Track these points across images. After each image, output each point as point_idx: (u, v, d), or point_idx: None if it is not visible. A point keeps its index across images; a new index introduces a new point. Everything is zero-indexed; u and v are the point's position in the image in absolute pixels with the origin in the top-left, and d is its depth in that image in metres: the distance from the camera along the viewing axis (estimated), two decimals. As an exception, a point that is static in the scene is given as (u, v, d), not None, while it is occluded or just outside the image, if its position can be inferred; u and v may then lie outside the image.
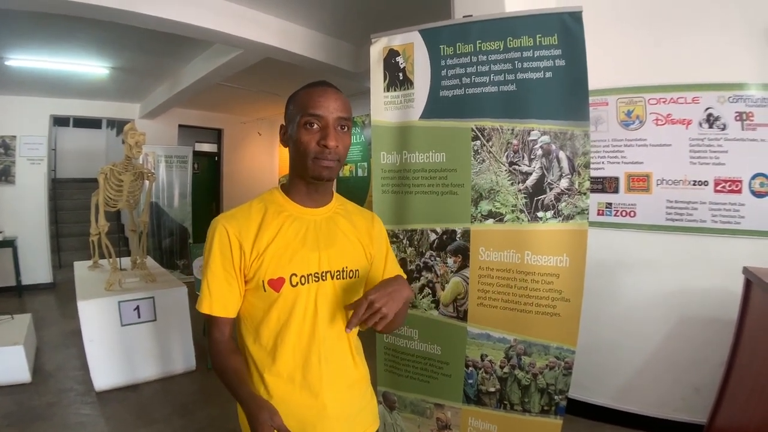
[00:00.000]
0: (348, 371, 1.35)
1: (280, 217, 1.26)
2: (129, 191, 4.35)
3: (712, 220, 2.94)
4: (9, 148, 7.26)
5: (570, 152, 2.23)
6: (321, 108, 1.19)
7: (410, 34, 2.53)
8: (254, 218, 1.25)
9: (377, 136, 2.65)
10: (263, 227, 1.24)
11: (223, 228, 1.22)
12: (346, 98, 1.26)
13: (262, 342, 1.26)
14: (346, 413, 1.31)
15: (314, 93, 1.22)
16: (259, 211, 1.27)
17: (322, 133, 1.19)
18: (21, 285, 7.23)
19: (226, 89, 7.20)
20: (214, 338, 1.27)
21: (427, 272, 2.57)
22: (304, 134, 1.20)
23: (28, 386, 3.98)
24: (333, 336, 1.30)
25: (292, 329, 1.25)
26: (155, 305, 4.17)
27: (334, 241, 1.32)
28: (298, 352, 1.25)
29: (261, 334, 1.26)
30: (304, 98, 1.22)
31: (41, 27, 4.53)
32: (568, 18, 2.20)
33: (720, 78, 2.88)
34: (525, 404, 2.43)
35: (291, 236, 1.25)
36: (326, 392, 1.27)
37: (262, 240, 1.22)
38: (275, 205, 1.29)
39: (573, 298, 2.26)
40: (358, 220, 1.42)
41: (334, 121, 1.20)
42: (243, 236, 1.22)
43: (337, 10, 4.37)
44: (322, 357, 1.27)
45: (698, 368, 3.02)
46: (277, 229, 1.25)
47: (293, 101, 1.26)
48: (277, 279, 1.22)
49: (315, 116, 1.19)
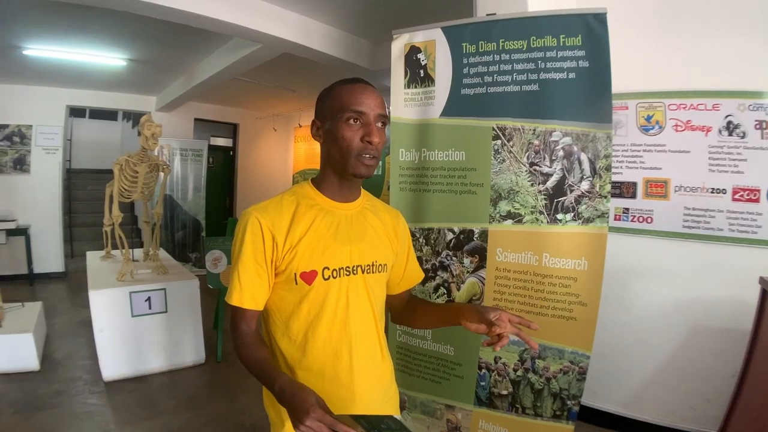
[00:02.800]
0: (376, 365, 1.37)
1: (312, 211, 1.27)
2: (144, 183, 4.36)
3: (729, 229, 2.91)
4: (25, 138, 7.31)
5: (591, 154, 2.21)
6: (364, 105, 1.21)
7: (432, 31, 2.52)
8: (286, 211, 1.26)
9: (396, 133, 2.64)
10: (296, 220, 1.24)
11: (255, 220, 1.22)
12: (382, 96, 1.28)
13: (292, 335, 1.27)
14: (374, 406, 1.33)
15: (356, 90, 1.23)
16: (291, 204, 1.27)
17: (365, 129, 1.21)
18: (33, 273, 7.29)
19: (242, 84, 7.21)
20: (241, 330, 1.26)
21: (443, 272, 2.55)
22: (347, 130, 1.21)
23: (37, 374, 4.00)
24: (363, 329, 1.31)
25: (323, 322, 1.25)
26: (167, 297, 4.18)
27: (364, 235, 1.33)
28: (328, 345, 1.26)
29: (291, 327, 1.27)
30: (345, 95, 1.23)
31: (59, 17, 4.55)
32: (592, 19, 2.19)
33: (740, 85, 2.84)
34: (537, 408, 2.42)
35: (323, 230, 1.26)
36: (356, 385, 1.29)
37: (295, 233, 1.23)
38: (307, 198, 1.30)
39: (590, 302, 2.24)
40: (385, 216, 1.44)
41: (375, 117, 1.22)
42: (276, 229, 1.22)
43: (357, 6, 4.36)
44: (353, 350, 1.28)
45: (710, 378, 2.98)
46: (309, 222, 1.25)
47: (330, 97, 1.26)
48: (310, 272, 1.23)
49: (358, 113, 1.20)
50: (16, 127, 7.25)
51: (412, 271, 1.56)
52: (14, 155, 7.26)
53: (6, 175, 7.19)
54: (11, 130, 7.22)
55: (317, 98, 1.32)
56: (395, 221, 1.46)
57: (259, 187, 10.31)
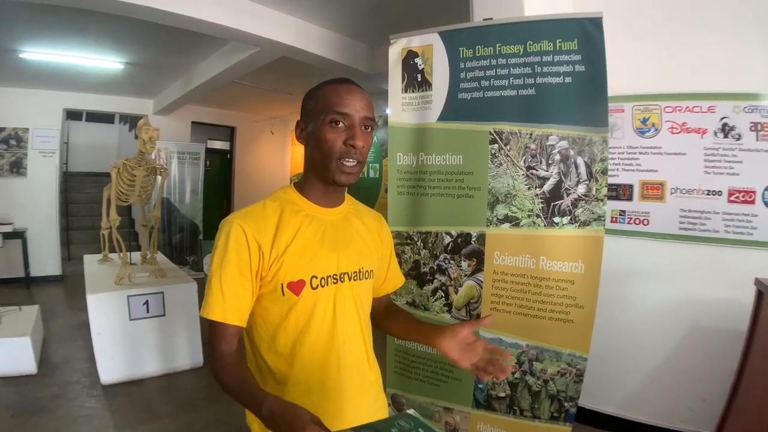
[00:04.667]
0: (364, 374, 1.33)
1: (297, 217, 1.21)
2: (141, 186, 4.36)
3: (725, 231, 2.92)
4: (21, 141, 7.28)
5: (588, 158, 2.23)
6: (348, 106, 1.14)
7: (429, 36, 2.53)
8: (271, 218, 1.18)
9: (394, 137, 2.66)
10: (281, 227, 1.17)
11: (239, 228, 1.13)
12: (370, 97, 1.22)
13: (279, 348, 1.21)
14: (362, 416, 1.26)
15: (341, 90, 1.16)
16: (275, 210, 1.20)
17: (348, 132, 1.15)
18: (29, 276, 7.26)
19: (239, 87, 7.22)
20: (221, 351, 1.14)
21: (441, 275, 2.56)
22: (329, 132, 1.14)
23: (34, 377, 3.99)
24: (350, 338, 1.27)
25: (311, 333, 1.20)
26: (164, 300, 4.18)
27: (350, 241, 1.28)
28: (316, 356, 1.21)
29: (278, 340, 1.21)
30: (329, 95, 1.16)
31: (56, 20, 4.54)
32: (588, 24, 2.20)
33: (736, 88, 2.85)
34: (535, 410, 2.42)
35: (310, 237, 1.20)
36: (344, 396, 1.25)
37: (281, 241, 1.16)
38: (291, 204, 1.23)
39: (587, 304, 2.25)
40: (370, 221, 1.39)
41: (360, 120, 1.16)
42: (261, 237, 1.14)
43: (354, 10, 4.38)
44: (340, 360, 1.24)
45: (707, 379, 2.99)
46: (295, 229, 1.19)
47: (315, 97, 1.20)
48: (297, 282, 1.17)
49: (342, 114, 1.14)
50: (12, 130, 7.22)
51: (393, 276, 1.52)
52: (11, 158, 7.23)
53: (2, 178, 7.15)
54: (8, 133, 7.18)
55: (303, 98, 1.25)
56: (379, 225, 1.43)
57: (256, 190, 10.29)
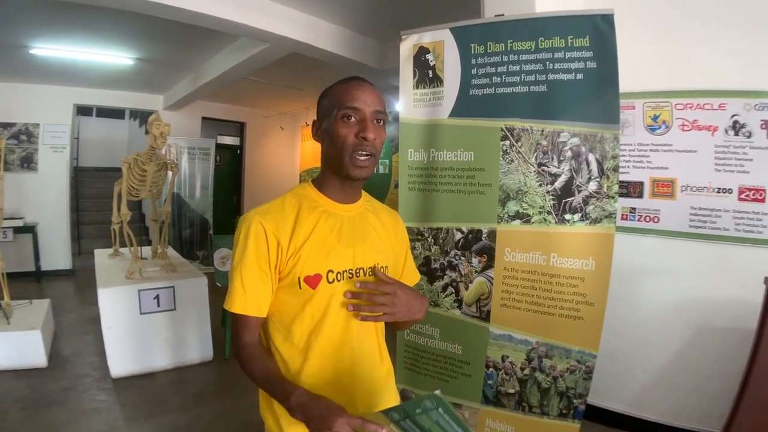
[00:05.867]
0: (376, 367, 1.35)
1: (315, 213, 1.24)
2: (152, 181, 4.38)
3: (735, 229, 2.91)
4: (32, 136, 7.35)
5: (599, 155, 2.22)
6: (358, 101, 1.18)
7: (441, 32, 2.53)
8: (289, 213, 1.22)
9: (405, 134, 2.66)
10: (299, 223, 1.21)
11: (259, 224, 1.18)
12: (381, 92, 1.25)
13: (295, 340, 1.24)
14: (373, 408, 1.29)
15: (351, 87, 1.21)
16: (293, 206, 1.24)
17: (360, 125, 1.18)
18: (40, 270, 7.33)
19: (249, 83, 7.22)
20: (245, 342, 1.22)
21: (451, 271, 2.57)
22: (341, 127, 1.18)
23: (44, 371, 4.03)
24: (364, 333, 1.29)
25: (326, 326, 1.23)
26: (175, 295, 4.21)
27: (366, 237, 1.31)
28: (330, 349, 1.24)
29: (293, 332, 1.23)
30: (340, 92, 1.21)
31: (66, 16, 4.57)
32: (599, 20, 2.20)
33: (747, 85, 2.84)
34: (543, 407, 2.43)
35: (327, 232, 1.23)
36: (357, 387, 1.28)
37: (298, 236, 1.20)
38: (309, 200, 1.27)
39: (597, 302, 2.26)
40: (386, 218, 1.42)
41: (371, 114, 1.19)
42: (280, 232, 1.19)
43: (364, 6, 4.38)
44: (354, 353, 1.27)
45: (715, 378, 2.98)
46: (313, 224, 1.22)
47: (328, 96, 1.25)
48: (314, 276, 1.20)
49: (353, 109, 1.18)
50: (23, 125, 7.28)
51: (409, 273, 1.53)
52: (22, 153, 7.29)
53: (13, 173, 7.16)
54: (18, 129, 7.25)
55: (318, 99, 1.30)
56: (395, 222, 1.45)
57: (265, 186, 10.34)
